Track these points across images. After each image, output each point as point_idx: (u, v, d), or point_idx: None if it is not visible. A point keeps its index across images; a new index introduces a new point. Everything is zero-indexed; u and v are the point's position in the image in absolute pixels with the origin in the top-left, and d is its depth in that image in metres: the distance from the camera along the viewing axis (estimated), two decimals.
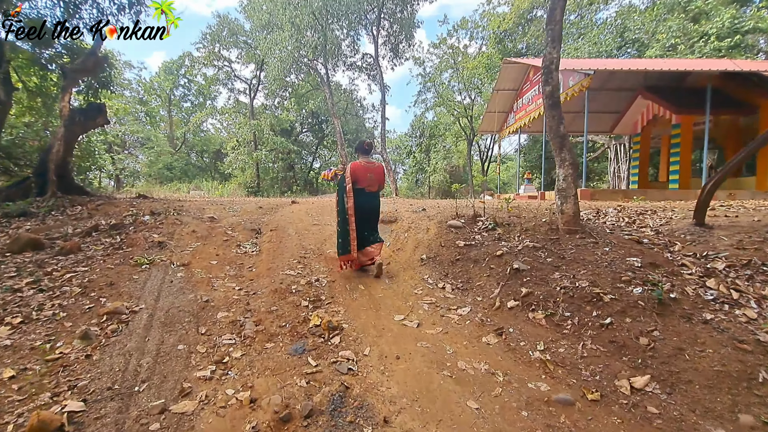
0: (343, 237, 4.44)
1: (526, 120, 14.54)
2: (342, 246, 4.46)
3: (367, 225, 4.57)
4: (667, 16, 19.23)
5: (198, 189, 30.54)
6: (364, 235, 4.52)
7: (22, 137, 11.31)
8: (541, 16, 28.56)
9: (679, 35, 17.73)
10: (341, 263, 4.57)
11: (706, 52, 16.44)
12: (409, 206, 7.47)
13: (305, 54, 21.89)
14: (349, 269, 4.61)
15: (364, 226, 4.52)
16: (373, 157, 5.52)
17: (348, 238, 4.39)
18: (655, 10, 19.59)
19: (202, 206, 8.22)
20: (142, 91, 39.10)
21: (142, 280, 4.13)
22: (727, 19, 16.31)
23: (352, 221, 4.38)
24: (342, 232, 4.47)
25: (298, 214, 7.63)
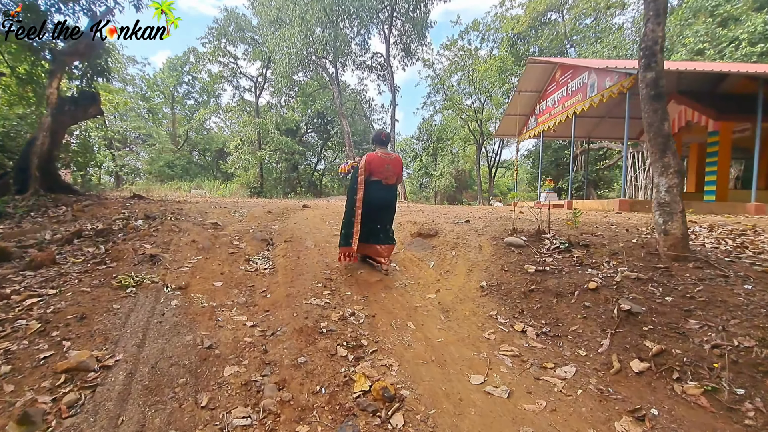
0: (347, 228, 4.29)
1: (550, 123, 13.56)
2: (344, 237, 4.32)
3: (379, 219, 4.32)
4: (692, 21, 18.36)
5: (199, 188, 29.52)
6: (375, 229, 4.28)
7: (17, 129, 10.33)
8: (555, 20, 27.77)
9: (707, 40, 16.83)
10: (341, 255, 4.39)
11: (737, 57, 15.55)
12: (442, 215, 6.47)
13: (314, 51, 20.93)
14: (348, 261, 4.41)
15: (375, 220, 4.28)
16: None
17: (352, 230, 4.21)
18: (680, 14, 18.67)
19: (204, 209, 7.21)
20: (145, 87, 38.22)
21: (124, 311, 3.10)
22: (760, 23, 15.41)
23: (358, 213, 4.18)
24: (347, 223, 4.31)
25: (313, 221, 6.62)
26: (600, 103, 10.94)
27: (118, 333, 2.80)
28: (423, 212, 7.17)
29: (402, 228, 5.65)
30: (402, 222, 5.94)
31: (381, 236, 4.31)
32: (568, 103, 12.36)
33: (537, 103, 14.83)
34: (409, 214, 7.00)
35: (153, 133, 35.44)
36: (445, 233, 4.89)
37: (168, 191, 27.88)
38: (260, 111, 28.94)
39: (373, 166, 4.19)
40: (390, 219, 4.48)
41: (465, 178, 39.32)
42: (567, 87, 12.48)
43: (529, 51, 28.62)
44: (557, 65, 13.19)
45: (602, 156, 30.52)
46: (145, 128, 35.29)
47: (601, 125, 15.98)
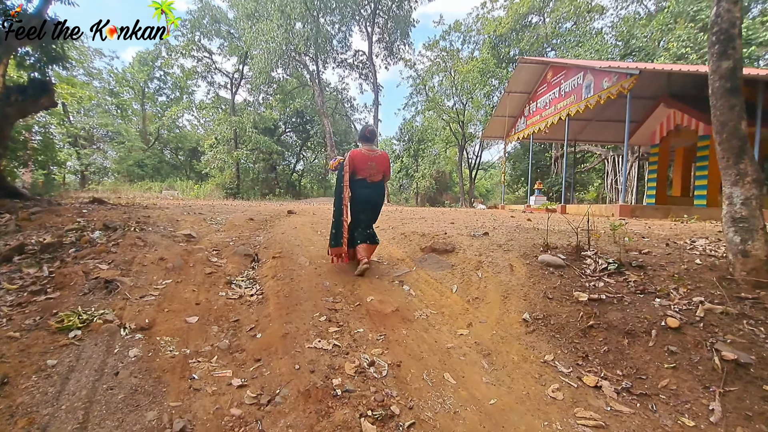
0: (337, 228, 4.11)
1: (541, 125, 13.15)
2: (334, 237, 4.14)
3: (363, 219, 4.19)
4: (673, 26, 18.45)
5: (171, 189, 27.92)
6: (358, 231, 4.13)
7: None
8: (536, 23, 27.70)
9: (690, 45, 16.89)
10: (333, 257, 4.21)
11: None
12: (450, 224, 5.75)
13: (295, 47, 19.95)
14: (340, 262, 4.22)
15: (360, 220, 4.16)
16: None
17: (341, 229, 4.06)
18: (661, 18, 18.74)
19: (175, 216, 6.25)
20: (113, 81, 36.10)
21: (62, 370, 2.23)
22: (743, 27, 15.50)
23: (346, 212, 4.07)
24: (336, 223, 4.13)
25: (303, 231, 5.79)
26: (596, 104, 10.55)
27: (50, 410, 1.94)
28: (425, 220, 6.44)
29: (408, 240, 4.92)
30: (406, 233, 5.20)
31: (363, 236, 4.12)
32: (561, 105, 11.94)
33: (526, 104, 14.41)
34: (410, 222, 6.26)
35: (122, 130, 33.43)
36: (463, 248, 4.18)
37: (137, 192, 26.21)
38: (236, 109, 27.62)
39: (356, 163, 4.05)
40: (374, 218, 4.36)
41: (445, 180, 38.97)
42: (560, 88, 12.07)
43: (509, 53, 28.49)
44: (549, 66, 12.78)
45: (579, 159, 30.76)
46: (113, 125, 33.25)
47: (588, 128, 15.73)
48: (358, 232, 4.14)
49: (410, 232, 5.19)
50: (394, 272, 4.02)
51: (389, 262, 4.37)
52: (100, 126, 34.19)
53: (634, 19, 19.76)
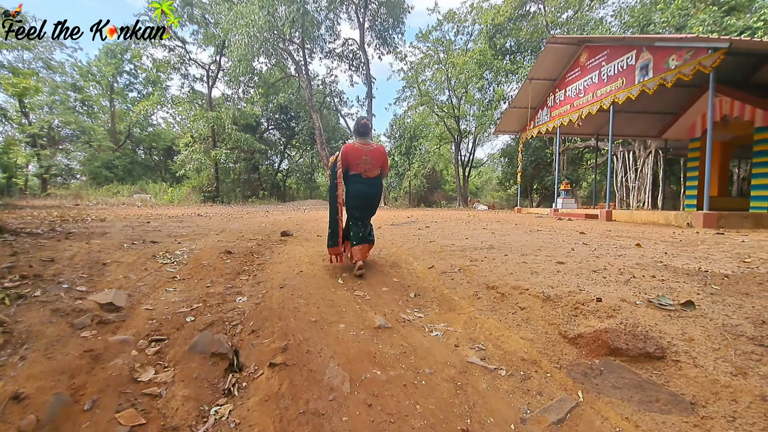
0: (333, 227, 3.76)
1: (573, 116, 11.10)
2: (331, 237, 3.78)
3: (358, 216, 3.81)
4: (692, 10, 16.76)
5: (143, 192, 24.92)
6: (354, 229, 3.78)
7: None
8: (535, 12, 25.83)
9: (716, 29, 15.19)
10: (331, 256, 3.86)
11: None
12: (555, 263, 3.52)
13: (278, 31, 17.39)
14: (339, 262, 3.87)
15: (355, 217, 3.81)
16: None
17: (337, 228, 3.72)
18: (680, 2, 17.00)
19: (105, 254, 3.84)
20: (77, 75, 32.67)
21: None
22: None
23: (341, 210, 3.74)
24: (332, 222, 3.76)
25: (314, 280, 3.47)
26: (657, 89, 8.50)
27: None
28: (496, 251, 4.16)
29: (514, 306, 2.66)
30: (498, 285, 2.95)
31: (358, 236, 3.72)
32: (603, 91, 9.91)
33: (551, 93, 12.36)
34: (472, 251, 3.97)
35: (88, 129, 30.10)
36: (676, 344, 1.96)
37: (103, 197, 23.15)
38: (214, 104, 24.79)
39: (349, 158, 3.73)
40: (369, 215, 3.93)
41: (437, 178, 36.94)
42: (599, 72, 10.03)
43: (506, 44, 26.59)
44: (583, 46, 10.72)
45: (578, 155, 29.17)
46: (77, 123, 29.91)
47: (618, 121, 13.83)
48: (353, 230, 3.79)
49: (504, 284, 2.95)
50: (535, 407, 1.80)
51: (505, 363, 2.13)
52: (64, 124, 30.91)
53: (652, 4, 17.93)
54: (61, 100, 31.06)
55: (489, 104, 28.03)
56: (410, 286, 3.38)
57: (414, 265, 3.83)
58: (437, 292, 3.18)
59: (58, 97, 31.02)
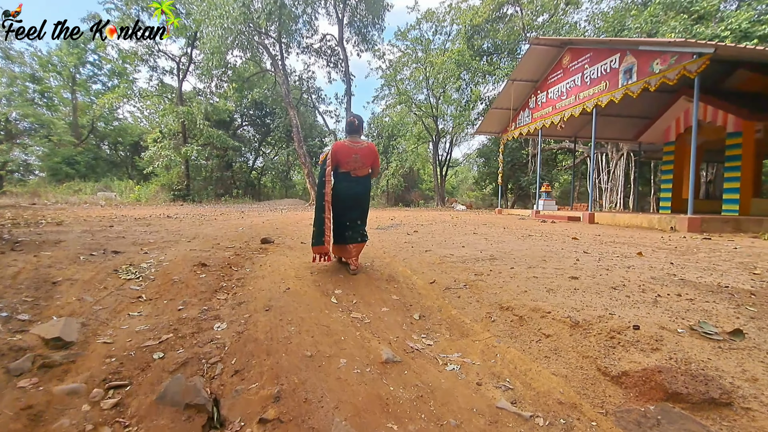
0: (318, 226, 3.59)
1: (555, 119, 11.05)
2: (316, 235, 3.61)
3: (348, 216, 3.72)
4: (663, 17, 17.19)
5: (108, 190, 23.49)
6: (344, 226, 3.70)
7: None
8: (512, 14, 26.01)
9: (686, 36, 15.60)
10: (315, 256, 3.71)
11: None
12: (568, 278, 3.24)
13: (255, 24, 16.65)
14: (323, 262, 3.75)
15: (344, 217, 3.71)
16: None
17: (323, 227, 3.55)
18: (651, 10, 17.40)
19: (56, 268, 3.29)
20: (36, 65, 30.55)
21: None
22: (744, 20, 14.35)
23: (328, 208, 3.57)
24: (318, 221, 3.60)
25: (305, 299, 3.06)
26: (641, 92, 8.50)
27: None
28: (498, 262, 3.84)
29: (537, 332, 2.35)
30: (514, 307, 2.64)
31: (349, 234, 3.68)
32: (586, 94, 9.87)
33: (533, 95, 12.29)
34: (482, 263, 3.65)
35: (47, 122, 28.15)
36: (740, 388, 1.70)
37: (63, 195, 21.62)
38: (185, 98, 23.62)
39: (339, 156, 3.64)
40: (360, 214, 3.81)
41: (414, 177, 36.79)
42: (582, 74, 9.99)
43: (483, 45, 26.64)
44: (566, 48, 10.67)
45: (551, 157, 29.68)
46: (35, 116, 27.92)
47: (589, 124, 13.95)
48: (345, 230, 3.71)
49: (520, 304, 2.64)
50: None
51: (541, 408, 1.81)
52: (22, 117, 28.89)
53: (626, 10, 18.28)
54: (19, 92, 28.96)
55: (466, 104, 28.09)
56: (412, 305, 3.02)
57: (413, 279, 3.48)
58: (444, 312, 2.83)
59: (16, 89, 28.91)
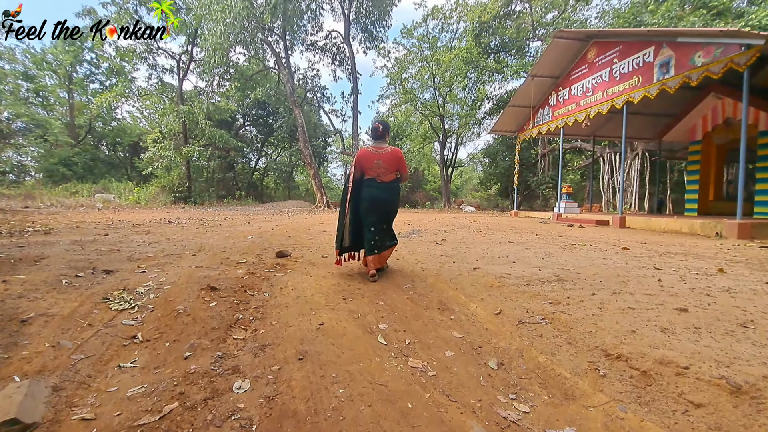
0: (340, 230, 3.65)
1: (579, 116, 10.40)
2: (338, 240, 3.66)
3: (371, 222, 3.58)
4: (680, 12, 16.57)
5: (105, 192, 22.82)
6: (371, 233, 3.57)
7: None
8: (520, 11, 25.37)
9: None
10: (338, 258, 3.68)
11: None
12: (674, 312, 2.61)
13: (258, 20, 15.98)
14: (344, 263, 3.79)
15: (370, 223, 3.58)
16: None
17: (343, 231, 3.62)
18: (668, 5, 16.77)
19: (17, 306, 2.64)
20: (30, 63, 29.83)
21: None
22: (764, 17, 13.74)
23: (346, 214, 3.59)
24: (340, 225, 3.66)
25: (356, 352, 2.42)
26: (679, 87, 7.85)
27: None
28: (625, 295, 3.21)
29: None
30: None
31: (376, 240, 3.57)
32: (615, 90, 9.22)
33: (553, 91, 11.64)
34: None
35: (43, 122, 27.46)
36: None
37: (59, 197, 20.92)
38: (185, 97, 22.95)
39: (363, 162, 3.59)
40: (385, 220, 3.69)
41: (418, 178, 36.14)
42: (611, 69, 9.34)
43: (490, 43, 25.98)
44: (591, 42, 10.02)
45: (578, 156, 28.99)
46: (29, 115, 27.23)
47: (609, 123, 13.32)
48: (367, 237, 3.60)
49: (635, 352, 2.00)
50: None
51: None
52: (15, 117, 28.19)
53: (642, 5, 17.63)
54: (10, 90, 28.23)
55: (473, 103, 27.47)
56: (482, 346, 2.36)
57: (472, 308, 2.82)
58: (529, 359, 2.18)
59: (8, 87, 28.19)
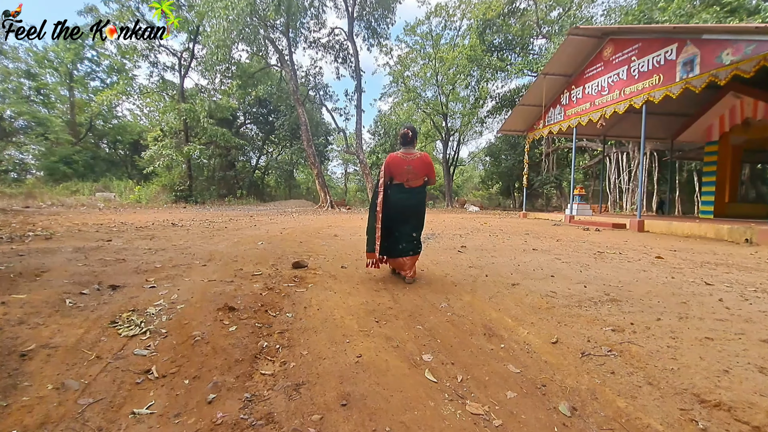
0: (371, 234, 3.67)
1: (594, 116, 10.10)
2: (369, 243, 3.68)
3: (400, 227, 3.66)
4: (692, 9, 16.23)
5: (106, 191, 22.51)
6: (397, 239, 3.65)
7: None
8: (525, 9, 25.02)
9: None
10: (368, 261, 3.73)
11: None
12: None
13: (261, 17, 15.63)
14: (373, 268, 3.76)
15: (396, 228, 3.66)
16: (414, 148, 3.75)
17: (374, 235, 3.61)
18: (679, 1, 16.42)
19: (15, 335, 2.35)
20: (32, 61, 29.48)
21: None
22: None
23: (378, 218, 3.60)
24: (370, 229, 3.69)
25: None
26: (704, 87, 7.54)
27: None
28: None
29: None
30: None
31: (403, 246, 3.62)
32: (633, 89, 8.92)
33: (566, 90, 11.33)
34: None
35: (44, 120, 27.10)
36: None
37: (62, 195, 20.60)
38: (187, 95, 22.60)
39: (392, 168, 3.63)
40: (414, 226, 3.72)
41: None
42: (629, 67, 9.03)
43: (494, 41, 25.64)
44: (607, 39, 9.71)
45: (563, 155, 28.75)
46: (31, 113, 26.87)
47: (620, 123, 13.01)
48: (397, 242, 3.63)
49: (738, 400, 1.72)
50: None
51: None
52: (17, 115, 27.87)
53: (652, 3, 17.27)
54: (13, 89, 27.90)
55: (475, 101, 27.17)
56: (546, 384, 2.07)
57: (521, 334, 2.53)
58: (606, 403, 1.88)
59: (11, 85, 27.85)
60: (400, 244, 3.63)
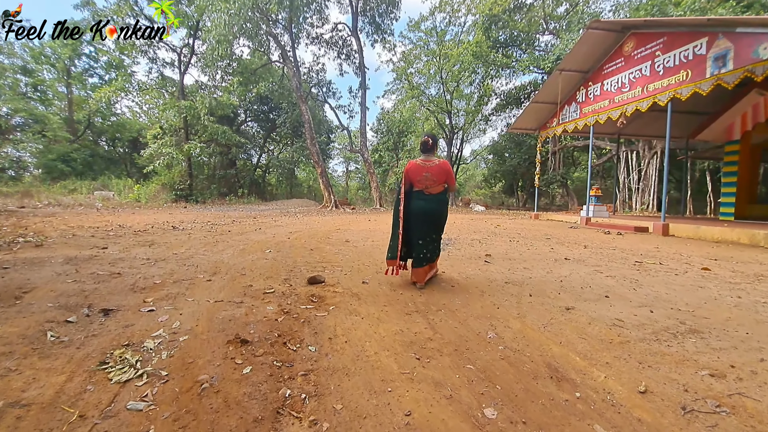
0: (393, 240, 3.73)
1: (613, 113, 9.64)
2: (391, 249, 3.73)
3: (419, 234, 3.65)
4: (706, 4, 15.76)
5: (105, 189, 22.02)
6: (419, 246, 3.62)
7: None
8: (531, 4, 24.49)
9: None
10: (388, 268, 3.75)
11: None
12: None
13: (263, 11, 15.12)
14: (394, 275, 3.81)
15: (416, 235, 3.66)
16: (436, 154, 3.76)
17: (396, 242, 3.66)
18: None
19: None
20: (28, 57, 28.92)
21: None
22: None
23: (400, 225, 3.64)
24: (393, 236, 3.74)
25: None
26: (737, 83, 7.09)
27: None
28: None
29: None
30: None
31: (424, 253, 3.61)
32: (657, 86, 8.46)
33: (582, 87, 10.87)
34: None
35: (41, 117, 26.56)
36: None
37: (59, 194, 20.11)
38: (186, 91, 22.08)
39: (411, 175, 3.69)
40: (433, 232, 3.71)
41: None
42: (653, 63, 8.57)
43: (500, 38, 25.12)
44: (628, 33, 9.23)
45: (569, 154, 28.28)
46: (27, 110, 26.32)
47: (636, 120, 12.54)
48: (418, 250, 3.61)
49: None
50: None
51: None
52: (13, 112, 27.32)
53: None
54: (9, 85, 27.35)
55: (479, 99, 26.70)
56: None
57: (597, 378, 2.09)
58: None
59: (7, 82, 27.30)
60: (423, 252, 3.64)
